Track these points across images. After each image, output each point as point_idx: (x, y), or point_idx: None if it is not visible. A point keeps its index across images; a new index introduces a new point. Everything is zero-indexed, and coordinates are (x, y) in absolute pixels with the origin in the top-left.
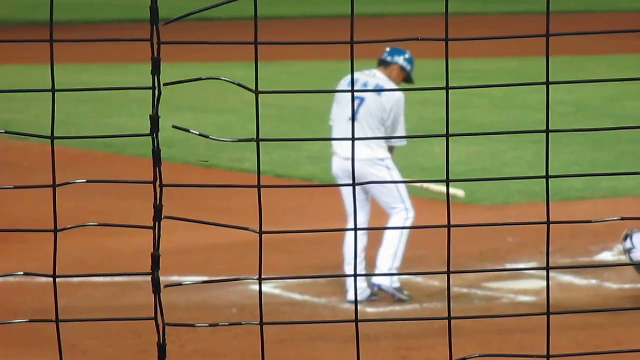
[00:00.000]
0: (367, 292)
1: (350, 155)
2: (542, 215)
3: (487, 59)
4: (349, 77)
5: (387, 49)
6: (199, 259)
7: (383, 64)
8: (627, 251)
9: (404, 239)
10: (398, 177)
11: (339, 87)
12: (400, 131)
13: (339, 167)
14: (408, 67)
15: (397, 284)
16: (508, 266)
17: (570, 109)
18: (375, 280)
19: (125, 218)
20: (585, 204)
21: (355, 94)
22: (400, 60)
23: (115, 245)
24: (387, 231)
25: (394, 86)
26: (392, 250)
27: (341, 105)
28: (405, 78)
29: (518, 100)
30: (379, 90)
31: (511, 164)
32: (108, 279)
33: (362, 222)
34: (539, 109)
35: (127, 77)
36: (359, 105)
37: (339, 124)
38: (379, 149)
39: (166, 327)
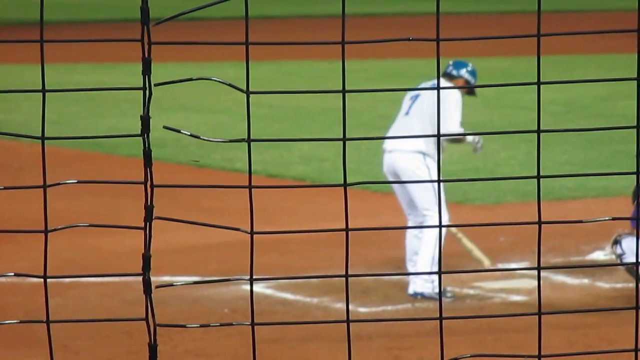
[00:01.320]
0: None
1: (392, 148)
2: (535, 215)
3: (479, 59)
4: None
5: (451, 62)
6: (191, 259)
7: (448, 76)
8: (619, 257)
9: (438, 243)
10: (435, 178)
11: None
12: (452, 122)
13: (386, 164)
14: (472, 80)
15: (437, 289)
16: (500, 266)
17: (562, 109)
18: (418, 289)
19: (117, 218)
20: (578, 203)
21: (413, 92)
22: (464, 73)
23: (107, 245)
24: (423, 238)
25: (450, 85)
26: (429, 255)
27: (402, 104)
28: (468, 92)
29: (510, 99)
30: (370, 90)
31: (503, 164)
32: (100, 279)
33: (419, 220)
34: (531, 109)
35: (119, 77)
36: (414, 101)
37: (396, 120)
38: (422, 143)
39: (158, 327)
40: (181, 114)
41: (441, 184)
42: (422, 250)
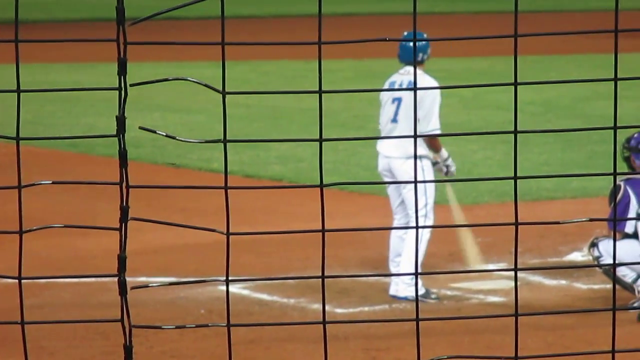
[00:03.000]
0: (423, 289)
1: (389, 154)
2: (512, 215)
3: (457, 59)
4: (390, 79)
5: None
6: (168, 259)
7: (419, 63)
8: (596, 259)
9: (423, 246)
10: (432, 180)
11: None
12: (434, 121)
13: (382, 165)
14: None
15: (422, 291)
16: (478, 267)
17: (540, 109)
18: (400, 294)
19: (94, 218)
20: (556, 204)
21: (393, 95)
22: (429, 50)
23: (84, 245)
24: (408, 239)
25: (428, 78)
26: (412, 258)
27: (384, 108)
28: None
29: (488, 100)
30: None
31: (481, 164)
32: (76, 279)
33: (404, 222)
34: (509, 109)
35: (95, 77)
36: (398, 106)
37: (384, 127)
38: (419, 147)
39: (133, 328)
40: (158, 114)
41: (432, 186)
42: (406, 252)
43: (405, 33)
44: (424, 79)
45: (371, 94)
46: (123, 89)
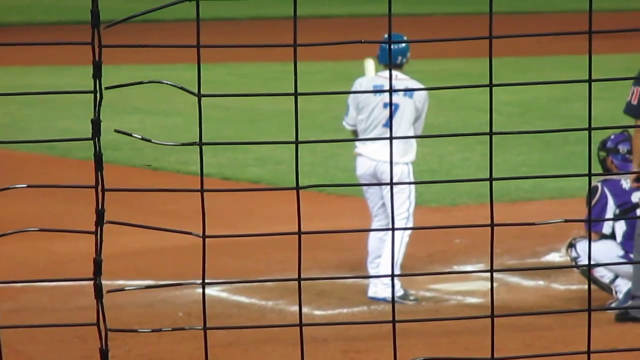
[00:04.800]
0: (402, 291)
1: (379, 158)
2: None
3: (434, 60)
4: (366, 80)
5: (393, 47)
6: (146, 262)
7: (400, 67)
8: (574, 260)
9: (403, 248)
10: (413, 187)
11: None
12: (420, 125)
13: (365, 168)
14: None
15: (400, 292)
16: (456, 268)
17: (517, 110)
18: (379, 294)
19: (71, 221)
20: (533, 205)
21: (383, 99)
22: (409, 54)
23: (61, 249)
24: (387, 241)
25: (417, 83)
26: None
27: (372, 112)
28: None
29: (466, 101)
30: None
31: (459, 166)
32: (53, 283)
33: (384, 224)
34: (487, 110)
35: (73, 80)
36: (394, 113)
37: (373, 131)
38: (410, 152)
39: (110, 332)
40: (136, 117)
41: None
42: (386, 253)
43: (386, 35)
44: (416, 83)
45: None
46: (98, 92)
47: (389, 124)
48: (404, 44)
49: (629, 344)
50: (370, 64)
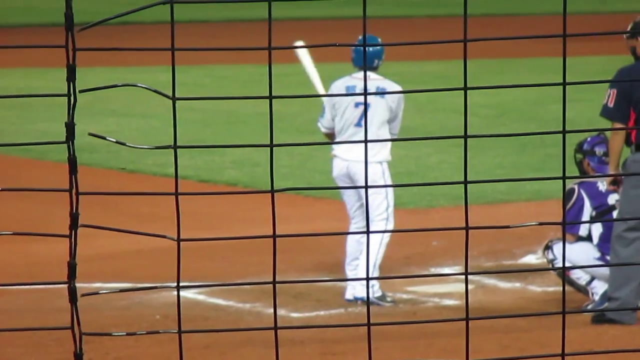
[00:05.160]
0: (380, 292)
1: (351, 158)
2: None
3: (411, 63)
4: (340, 82)
5: (368, 50)
6: (122, 265)
7: (375, 69)
8: (550, 262)
9: (382, 250)
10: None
11: (333, 93)
12: (397, 125)
13: (339, 169)
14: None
15: (378, 293)
16: (433, 270)
17: (494, 113)
18: (358, 294)
19: (47, 224)
20: (510, 207)
21: (354, 99)
22: (383, 56)
23: (37, 251)
24: (362, 244)
25: (392, 82)
26: (371, 261)
27: (345, 113)
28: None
29: (442, 103)
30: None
31: (436, 168)
32: (29, 286)
33: (361, 225)
34: (463, 113)
35: (49, 82)
36: (365, 111)
37: (346, 131)
38: (383, 151)
39: (86, 335)
40: (112, 119)
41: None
42: (362, 256)
43: (360, 37)
44: (390, 84)
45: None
46: (72, 95)
47: (362, 123)
48: (378, 47)
49: (605, 346)
50: (302, 53)
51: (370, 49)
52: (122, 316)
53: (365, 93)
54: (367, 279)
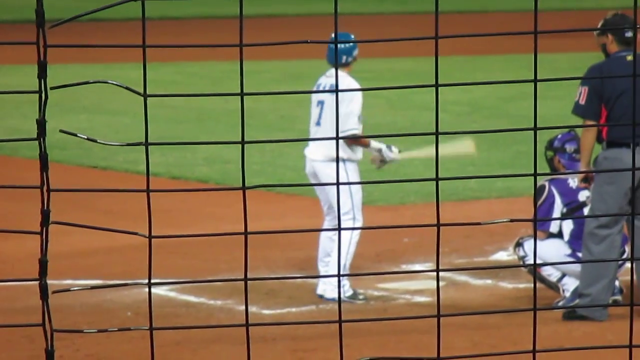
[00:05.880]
0: (351, 291)
1: (314, 157)
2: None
3: (382, 59)
4: (317, 81)
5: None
6: (94, 262)
7: (344, 65)
8: (521, 258)
9: (352, 249)
10: (355, 185)
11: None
12: (351, 122)
13: (308, 168)
14: (357, 51)
15: (349, 292)
16: (404, 267)
17: (466, 109)
18: (329, 294)
19: (18, 221)
20: (481, 204)
21: (317, 97)
22: (356, 53)
23: (7, 249)
24: (337, 241)
25: (349, 80)
26: (341, 260)
27: (311, 111)
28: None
29: (413, 100)
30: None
31: (408, 165)
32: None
33: (333, 224)
34: (434, 109)
35: (21, 79)
36: (321, 109)
37: (310, 130)
38: (344, 150)
39: (58, 332)
40: (84, 116)
41: (359, 188)
42: (332, 256)
43: (333, 35)
44: (345, 81)
45: (298, 96)
46: (43, 91)
47: (320, 122)
48: (349, 44)
49: (576, 342)
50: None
51: (340, 46)
52: (93, 313)
53: (337, 90)
54: (339, 275)
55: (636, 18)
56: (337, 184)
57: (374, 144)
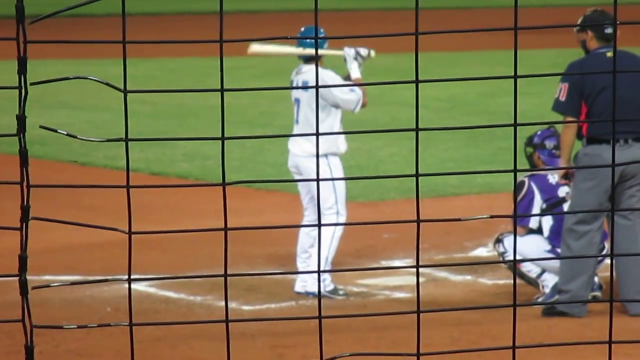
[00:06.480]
0: (332, 286)
1: (297, 152)
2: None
3: None
4: (290, 79)
5: (307, 41)
6: (74, 258)
7: (312, 59)
8: (501, 255)
9: (334, 243)
10: (338, 180)
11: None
12: (347, 96)
13: (291, 162)
14: (327, 43)
15: (330, 287)
16: (384, 263)
17: (445, 105)
18: (309, 288)
19: None
20: (461, 200)
21: (294, 95)
22: (326, 46)
23: None
24: (313, 237)
25: (322, 71)
26: (322, 255)
27: (293, 108)
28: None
29: (393, 96)
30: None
31: (387, 161)
32: None
33: (312, 219)
34: (414, 106)
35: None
36: (298, 108)
37: (293, 126)
38: (324, 145)
39: (37, 328)
40: (63, 112)
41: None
42: (315, 249)
43: (302, 29)
44: (321, 72)
45: (278, 92)
46: (23, 87)
47: (298, 120)
48: (319, 39)
49: (556, 338)
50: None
51: (308, 40)
52: (73, 309)
53: (317, 86)
54: (319, 271)
55: (616, 14)
56: (317, 179)
57: (348, 50)
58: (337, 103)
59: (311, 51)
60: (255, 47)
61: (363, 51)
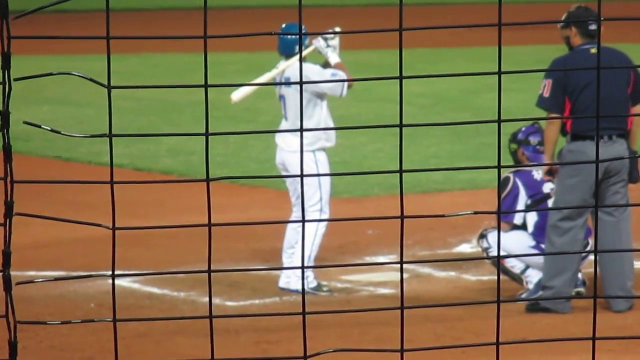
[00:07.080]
0: (315, 282)
1: (285, 147)
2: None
3: (347, 52)
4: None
5: (289, 38)
6: (58, 253)
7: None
8: (485, 250)
9: (317, 241)
10: (323, 177)
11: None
12: (335, 90)
13: (278, 158)
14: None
15: (314, 284)
16: (368, 259)
17: (429, 101)
18: (293, 286)
19: None
20: (444, 196)
21: (279, 92)
22: (308, 42)
23: None
24: (299, 233)
25: (304, 64)
26: (305, 252)
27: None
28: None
29: (378, 92)
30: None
31: (371, 157)
32: None
33: (299, 215)
34: (398, 101)
35: None
36: (284, 104)
37: (280, 122)
38: (313, 141)
39: (20, 324)
40: (47, 107)
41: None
42: (299, 245)
43: (284, 25)
44: (306, 67)
45: (262, 88)
46: (7, 83)
47: (287, 117)
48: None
49: (539, 334)
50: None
51: (289, 37)
52: (56, 305)
53: (301, 82)
54: (302, 267)
55: (600, 11)
56: (302, 175)
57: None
58: (324, 91)
59: (287, 63)
60: (238, 95)
61: (329, 36)
